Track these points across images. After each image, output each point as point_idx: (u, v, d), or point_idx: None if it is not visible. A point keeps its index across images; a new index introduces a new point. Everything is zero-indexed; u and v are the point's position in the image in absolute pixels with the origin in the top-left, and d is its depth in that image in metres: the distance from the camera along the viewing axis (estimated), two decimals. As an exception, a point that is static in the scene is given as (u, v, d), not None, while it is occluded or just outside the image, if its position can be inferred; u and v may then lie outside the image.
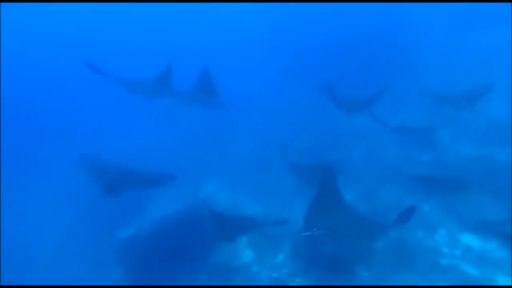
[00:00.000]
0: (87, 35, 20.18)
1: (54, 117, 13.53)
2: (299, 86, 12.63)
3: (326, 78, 8.85)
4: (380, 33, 13.86)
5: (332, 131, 10.11)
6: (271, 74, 14.01)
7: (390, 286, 5.62)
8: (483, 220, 6.46)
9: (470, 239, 6.37)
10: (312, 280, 6.12)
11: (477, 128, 9.07)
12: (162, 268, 6.73)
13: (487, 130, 8.91)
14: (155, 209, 8.48)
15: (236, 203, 8.19)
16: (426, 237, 6.50)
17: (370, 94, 8.97)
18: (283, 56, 14.94)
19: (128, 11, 22.39)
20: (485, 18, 13.56)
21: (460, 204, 6.86)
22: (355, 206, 5.91)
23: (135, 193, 7.24)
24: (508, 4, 13.22)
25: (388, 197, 7.42)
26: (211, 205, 7.83)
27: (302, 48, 14.98)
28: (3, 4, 21.24)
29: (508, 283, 5.53)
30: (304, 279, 6.21)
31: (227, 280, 6.44)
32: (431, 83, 9.72)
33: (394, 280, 5.78)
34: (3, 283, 7.04)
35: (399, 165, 8.31)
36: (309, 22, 17.31)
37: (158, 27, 20.41)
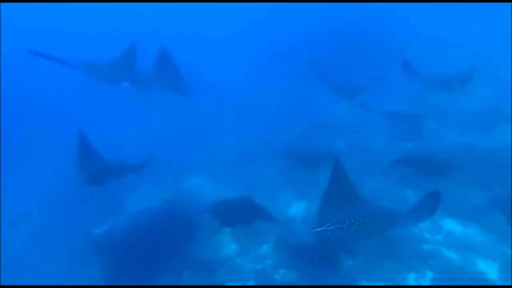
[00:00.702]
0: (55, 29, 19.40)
1: (28, 108, 12.93)
2: (284, 76, 12.55)
3: (311, 68, 8.72)
4: (368, 24, 13.97)
5: (318, 121, 10.06)
6: (254, 65, 13.86)
7: (386, 286, 5.59)
8: (465, 206, 6.57)
9: (452, 225, 6.47)
10: (296, 270, 6.05)
11: (464, 116, 9.20)
12: (142, 264, 6.47)
13: (474, 117, 9.04)
14: (133, 203, 8.20)
15: (220, 195, 7.99)
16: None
17: (361, 83, 8.96)
18: (266, 48, 14.80)
19: (125, 10, 21.64)
20: (471, 9, 13.88)
21: (445, 190, 6.91)
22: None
23: (113, 185, 6.92)
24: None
25: (373, 186, 7.39)
26: (196, 198, 7.69)
27: (284, 39, 14.89)
28: (3, 4, 20.59)
29: (488, 267, 5.64)
30: (289, 270, 6.13)
31: (211, 273, 6.28)
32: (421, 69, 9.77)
33: (378, 268, 5.79)
34: None
35: (385, 153, 8.29)
36: (294, 13, 17.22)
37: (157, 25, 19.69)
